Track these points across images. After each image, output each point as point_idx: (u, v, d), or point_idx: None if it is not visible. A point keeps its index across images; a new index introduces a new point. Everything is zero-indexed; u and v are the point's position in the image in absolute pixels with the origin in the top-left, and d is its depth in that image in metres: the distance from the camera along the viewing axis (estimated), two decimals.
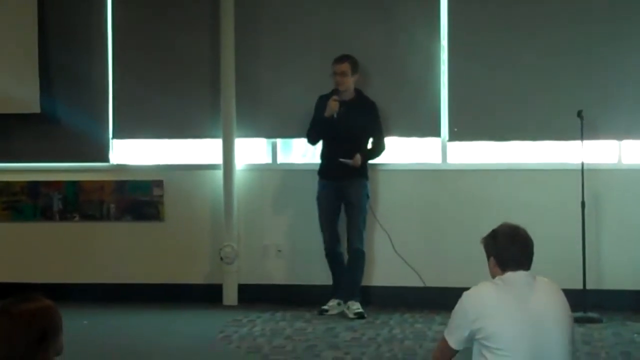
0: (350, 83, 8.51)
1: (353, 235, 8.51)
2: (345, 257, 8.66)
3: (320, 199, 8.61)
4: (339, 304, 8.54)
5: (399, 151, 8.94)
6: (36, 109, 9.17)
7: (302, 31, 9.07)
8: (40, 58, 9.17)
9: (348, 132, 8.43)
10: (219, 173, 9.06)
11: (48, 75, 9.24)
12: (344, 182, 8.46)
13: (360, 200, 8.49)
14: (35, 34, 9.16)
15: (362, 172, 8.51)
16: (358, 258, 8.52)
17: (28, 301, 3.32)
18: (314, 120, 8.58)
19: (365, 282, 8.68)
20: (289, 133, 9.20)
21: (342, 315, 8.42)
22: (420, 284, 8.79)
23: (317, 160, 8.77)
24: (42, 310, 3.32)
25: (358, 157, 8.38)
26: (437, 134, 8.91)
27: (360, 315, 8.32)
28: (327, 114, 8.46)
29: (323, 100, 8.50)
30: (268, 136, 9.24)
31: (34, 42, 9.16)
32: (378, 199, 8.85)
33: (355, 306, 8.40)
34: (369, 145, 8.58)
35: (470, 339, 4.21)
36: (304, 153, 9.34)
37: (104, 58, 9.28)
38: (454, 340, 4.26)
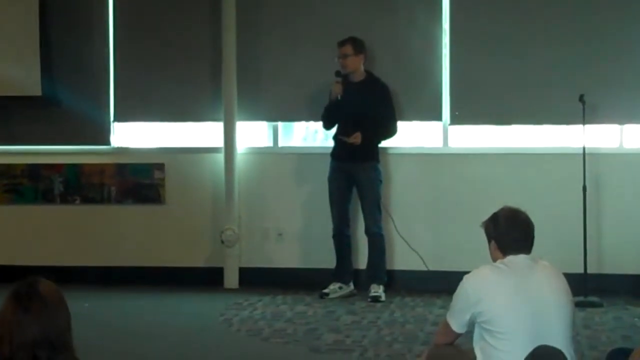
0: (355, 64, 8.48)
1: (368, 220, 8.49)
2: (352, 240, 8.68)
3: (331, 180, 8.57)
4: (340, 288, 8.54)
5: (400, 135, 8.91)
6: (37, 91, 9.14)
7: (304, 14, 9.03)
8: (41, 41, 9.13)
9: (355, 113, 8.39)
10: (220, 156, 9.04)
11: (49, 57, 9.21)
12: (354, 165, 8.43)
13: (371, 184, 8.45)
14: (36, 17, 9.12)
15: (372, 155, 8.47)
16: (375, 241, 8.50)
17: (44, 282, 3.20)
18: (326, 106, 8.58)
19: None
20: (290, 116, 9.18)
21: (342, 298, 8.43)
22: (421, 268, 8.78)
23: (317, 144, 8.75)
24: (58, 290, 3.24)
25: (357, 135, 8.31)
26: (438, 117, 8.89)
27: (374, 299, 8.30)
28: (331, 97, 8.46)
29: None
30: (269, 119, 9.22)
31: (35, 25, 9.12)
32: None
33: (374, 289, 8.38)
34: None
35: (472, 322, 4.22)
36: (305, 136, 9.33)
37: (105, 40, 9.26)
38: (456, 323, 4.27)
